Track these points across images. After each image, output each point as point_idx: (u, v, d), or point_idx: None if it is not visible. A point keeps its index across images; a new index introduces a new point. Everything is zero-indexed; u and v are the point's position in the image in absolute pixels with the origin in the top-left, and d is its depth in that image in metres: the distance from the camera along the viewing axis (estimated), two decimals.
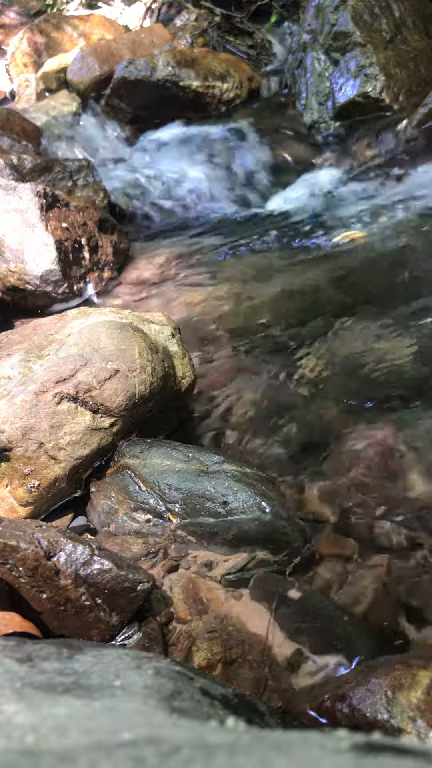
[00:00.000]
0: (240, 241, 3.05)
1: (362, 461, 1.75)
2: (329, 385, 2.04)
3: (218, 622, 1.35)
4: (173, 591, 1.42)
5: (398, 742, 0.42)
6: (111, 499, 1.63)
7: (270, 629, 1.34)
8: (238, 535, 1.51)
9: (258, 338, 2.33)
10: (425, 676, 1.06)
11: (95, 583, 1.25)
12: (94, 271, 2.75)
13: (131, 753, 0.40)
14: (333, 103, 3.63)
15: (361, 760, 0.38)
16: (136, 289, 2.81)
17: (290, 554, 1.50)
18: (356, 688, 1.08)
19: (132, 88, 3.99)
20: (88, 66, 4.34)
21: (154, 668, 0.89)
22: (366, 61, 3.49)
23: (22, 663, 0.83)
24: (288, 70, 3.99)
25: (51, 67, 4.65)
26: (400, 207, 3.02)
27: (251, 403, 2.02)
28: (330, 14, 3.61)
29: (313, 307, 2.45)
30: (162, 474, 1.61)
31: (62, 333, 1.78)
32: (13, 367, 1.68)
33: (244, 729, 0.47)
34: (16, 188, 2.58)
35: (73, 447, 1.61)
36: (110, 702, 0.72)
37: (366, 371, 2.07)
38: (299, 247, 2.91)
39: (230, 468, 1.60)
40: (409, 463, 1.71)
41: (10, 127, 3.76)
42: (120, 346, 1.70)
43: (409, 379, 2.01)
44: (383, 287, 2.47)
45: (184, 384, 1.89)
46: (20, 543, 1.25)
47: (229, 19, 4.45)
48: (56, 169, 3.14)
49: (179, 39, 4.52)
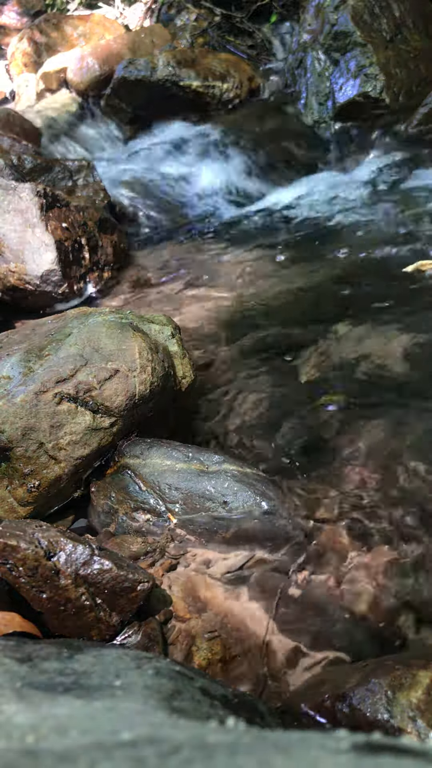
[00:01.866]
0: (240, 241, 3.05)
1: (362, 460, 1.75)
2: (330, 384, 2.04)
3: (218, 621, 1.35)
4: (173, 590, 1.42)
5: (398, 742, 0.42)
6: (111, 499, 1.63)
7: (269, 628, 1.34)
8: (238, 534, 1.51)
9: (258, 338, 2.33)
10: (425, 676, 1.05)
11: (95, 583, 1.25)
12: (94, 271, 2.75)
13: (131, 753, 0.40)
14: (333, 103, 3.63)
15: (361, 760, 0.38)
16: (136, 289, 2.81)
17: (290, 553, 1.50)
18: (356, 688, 1.08)
19: (132, 88, 3.99)
20: (88, 66, 4.34)
21: (154, 668, 0.89)
22: (366, 61, 3.49)
23: (22, 663, 0.83)
24: (288, 70, 3.99)
25: (51, 67, 4.65)
26: (399, 207, 3.02)
27: (251, 403, 2.02)
28: (330, 14, 3.61)
29: (314, 306, 2.45)
30: (162, 474, 1.61)
31: (62, 333, 1.78)
32: (13, 367, 1.68)
33: (244, 729, 0.47)
34: (16, 188, 2.58)
35: (73, 447, 1.61)
36: (110, 702, 0.72)
37: (366, 371, 2.07)
38: (299, 247, 2.91)
39: (230, 468, 1.60)
40: (409, 463, 1.71)
41: (10, 127, 3.76)
42: (120, 346, 1.70)
43: (409, 379, 2.01)
44: (383, 287, 2.47)
45: (184, 384, 1.89)
46: (20, 543, 1.25)
47: (229, 19, 4.45)
48: (56, 169, 3.14)
49: (179, 39, 4.52)
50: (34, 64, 4.95)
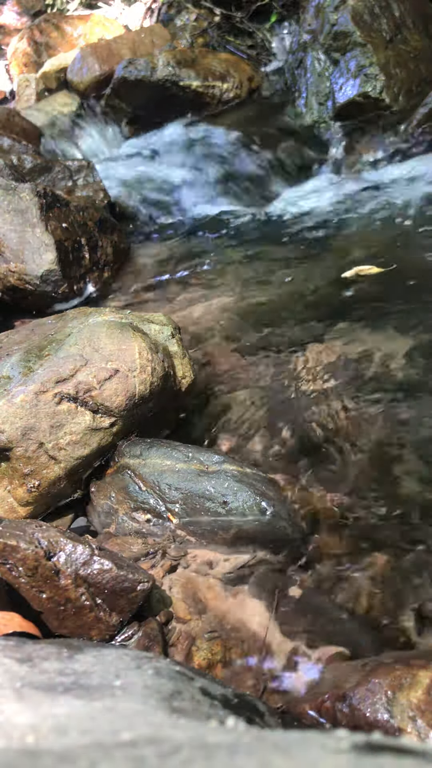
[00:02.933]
0: (240, 241, 3.05)
1: (362, 460, 1.75)
2: (329, 385, 2.04)
3: (218, 622, 1.35)
4: (173, 591, 1.42)
5: (398, 742, 0.42)
6: (111, 499, 1.63)
7: (270, 628, 1.34)
8: (238, 535, 1.51)
9: (258, 338, 2.33)
10: (425, 676, 1.05)
11: (95, 583, 1.25)
12: (93, 271, 2.75)
13: (131, 753, 0.40)
14: (333, 103, 3.63)
15: (361, 760, 0.38)
16: (136, 288, 2.81)
17: (290, 553, 1.50)
18: (356, 688, 1.08)
19: (132, 88, 3.99)
20: (88, 66, 4.34)
21: (154, 668, 0.89)
22: (366, 61, 3.49)
23: (22, 663, 0.83)
24: (288, 70, 3.99)
25: (51, 67, 4.65)
26: (399, 207, 3.02)
27: (251, 403, 2.02)
28: (330, 14, 3.61)
29: (314, 306, 2.45)
30: (162, 474, 1.61)
31: (62, 333, 1.78)
32: (13, 367, 1.68)
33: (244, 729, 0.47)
34: (16, 188, 2.58)
35: (73, 447, 1.61)
36: (110, 702, 0.72)
37: (366, 370, 2.07)
38: (299, 246, 2.91)
39: (230, 468, 1.60)
40: (409, 462, 1.72)
41: (10, 127, 3.76)
42: (120, 346, 1.70)
43: (411, 379, 2.01)
44: (382, 287, 2.47)
45: (184, 384, 1.89)
46: (20, 543, 1.25)
47: (229, 19, 4.45)
48: (56, 169, 3.14)
49: (179, 39, 4.52)
50: (34, 64, 4.95)
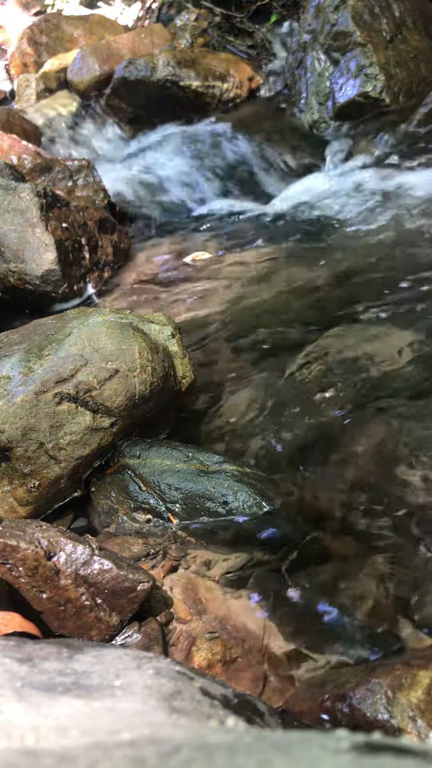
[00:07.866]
0: (240, 241, 3.05)
1: (362, 460, 1.75)
2: (329, 385, 2.04)
3: (218, 622, 1.35)
4: (173, 591, 1.42)
5: (398, 742, 0.42)
6: (111, 499, 1.63)
7: (270, 629, 1.34)
8: (238, 535, 1.51)
9: (258, 338, 2.33)
10: (425, 676, 1.05)
11: (95, 583, 1.25)
12: (94, 270, 2.75)
13: (131, 753, 0.40)
14: (333, 103, 3.63)
15: (361, 760, 0.38)
16: (136, 288, 2.81)
17: (290, 554, 1.50)
18: (356, 688, 1.08)
19: (132, 88, 3.99)
20: (88, 66, 4.34)
21: (154, 668, 0.89)
22: (366, 61, 3.49)
23: (22, 663, 0.83)
24: (288, 70, 3.99)
25: (51, 67, 4.65)
26: (399, 207, 3.02)
27: (251, 403, 2.02)
28: (330, 14, 3.61)
29: (314, 306, 2.45)
30: (162, 474, 1.61)
31: (62, 333, 1.78)
32: (13, 367, 1.68)
33: (244, 729, 0.47)
34: (16, 188, 2.58)
35: (73, 447, 1.61)
36: (110, 702, 0.72)
37: (366, 370, 2.07)
38: (299, 246, 2.91)
39: (230, 468, 1.60)
40: (409, 462, 1.71)
41: (10, 127, 3.76)
42: (120, 345, 1.70)
43: (409, 378, 2.01)
44: (382, 287, 2.47)
45: (184, 384, 1.89)
46: (20, 543, 1.25)
47: (229, 19, 4.45)
48: (56, 169, 3.15)
49: (179, 39, 4.52)
50: (34, 64, 4.95)
